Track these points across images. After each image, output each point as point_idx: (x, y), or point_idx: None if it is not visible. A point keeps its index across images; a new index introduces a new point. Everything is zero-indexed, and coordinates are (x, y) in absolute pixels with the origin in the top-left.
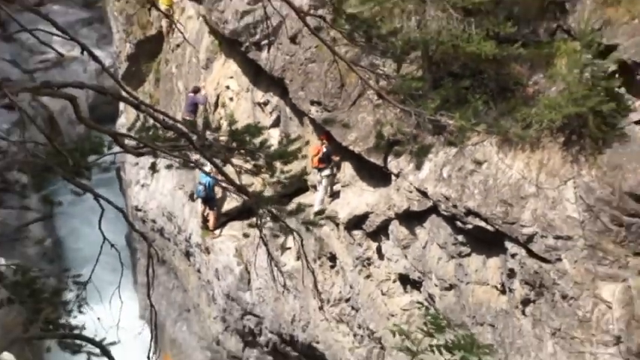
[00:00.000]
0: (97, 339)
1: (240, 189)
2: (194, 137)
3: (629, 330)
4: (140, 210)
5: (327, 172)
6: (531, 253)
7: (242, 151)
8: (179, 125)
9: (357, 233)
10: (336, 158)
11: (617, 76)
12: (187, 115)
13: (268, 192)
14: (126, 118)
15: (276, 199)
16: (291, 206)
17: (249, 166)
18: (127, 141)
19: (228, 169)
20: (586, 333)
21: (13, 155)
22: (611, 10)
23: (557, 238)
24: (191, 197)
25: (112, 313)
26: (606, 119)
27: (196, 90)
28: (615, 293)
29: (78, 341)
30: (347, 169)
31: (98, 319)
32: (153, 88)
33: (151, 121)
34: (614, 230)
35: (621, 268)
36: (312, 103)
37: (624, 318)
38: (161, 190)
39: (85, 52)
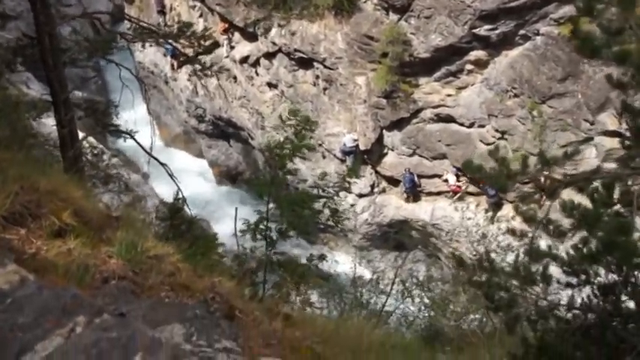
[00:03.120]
0: (127, 130)
1: (183, 53)
2: (160, 31)
3: (369, 96)
4: (141, 63)
5: (226, 37)
6: (325, 67)
7: (183, 35)
8: (151, 27)
9: (245, 65)
10: (231, 30)
11: None
12: (157, 6)
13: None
14: (126, 25)
15: (198, 57)
16: (211, 57)
17: (187, 42)
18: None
19: (179, 44)
20: (351, 99)
21: (75, 45)
22: None
23: (336, 58)
24: (164, 55)
25: (132, 116)
26: (351, 3)
27: None
28: (362, 81)
29: (118, 131)
30: (237, 35)
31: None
32: (139, 2)
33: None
34: (360, 53)
35: (364, 69)
36: (217, 4)
37: (366, 91)
38: (150, 52)
39: None
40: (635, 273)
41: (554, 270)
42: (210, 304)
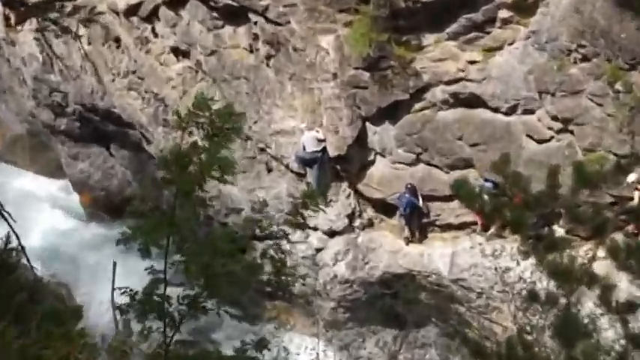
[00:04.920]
0: None
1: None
2: None
3: (341, 67)
4: None
5: None
6: (269, 20)
7: None
8: None
9: (135, 19)
10: None
11: None
12: None
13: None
14: None
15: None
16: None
17: None
18: None
19: None
20: (313, 74)
21: None
22: None
23: (286, 6)
24: None
25: None
26: None
27: None
28: (330, 42)
29: None
30: None
31: None
32: None
33: None
34: None
35: (332, 23)
36: None
37: (338, 59)
38: None
39: None
40: None
41: None
42: None
